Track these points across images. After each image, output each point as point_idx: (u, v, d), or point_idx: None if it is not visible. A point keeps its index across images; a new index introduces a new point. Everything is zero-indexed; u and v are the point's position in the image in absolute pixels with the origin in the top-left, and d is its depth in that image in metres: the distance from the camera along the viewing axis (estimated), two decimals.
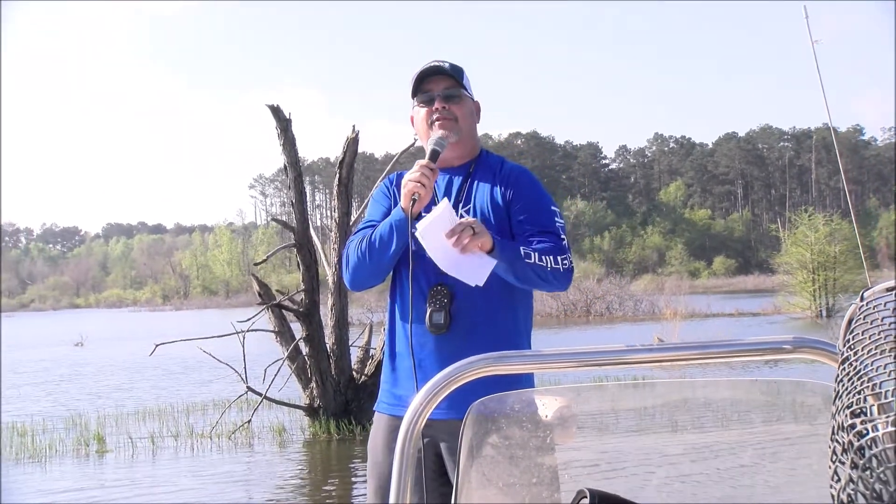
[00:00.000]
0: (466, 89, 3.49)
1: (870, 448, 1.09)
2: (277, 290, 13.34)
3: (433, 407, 1.78)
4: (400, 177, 3.48)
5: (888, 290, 1.20)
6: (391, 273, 3.45)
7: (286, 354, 12.32)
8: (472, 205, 3.40)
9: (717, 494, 1.85)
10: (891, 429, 1.07)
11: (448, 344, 3.22)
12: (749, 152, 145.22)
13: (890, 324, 1.17)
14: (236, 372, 11.99)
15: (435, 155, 3.29)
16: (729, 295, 64.15)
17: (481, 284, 3.13)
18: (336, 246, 12.69)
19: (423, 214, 3.24)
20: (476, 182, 3.45)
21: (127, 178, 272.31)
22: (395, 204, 3.43)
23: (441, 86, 3.42)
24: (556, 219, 3.41)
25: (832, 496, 1.17)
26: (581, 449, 1.89)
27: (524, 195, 3.40)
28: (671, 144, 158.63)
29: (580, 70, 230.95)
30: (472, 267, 3.12)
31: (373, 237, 3.33)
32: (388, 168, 12.42)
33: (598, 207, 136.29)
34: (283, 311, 12.44)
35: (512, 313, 3.35)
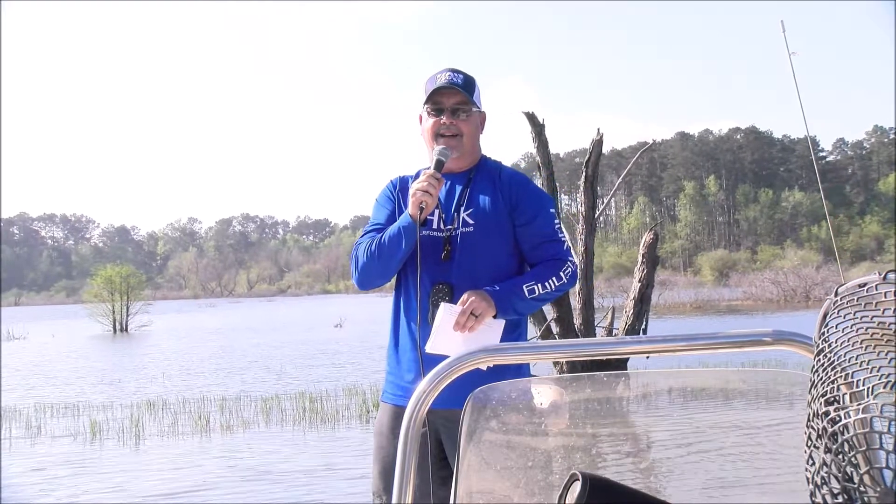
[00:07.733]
0: (476, 103, 3.42)
1: (842, 434, 1.11)
2: None
3: (436, 395, 1.77)
4: (403, 181, 3.51)
5: (860, 286, 1.20)
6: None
7: (539, 334, 12.81)
8: (472, 209, 3.37)
9: (702, 475, 1.87)
10: (862, 416, 1.07)
11: None
12: None
13: (861, 317, 1.17)
14: None
15: (440, 165, 3.30)
16: None
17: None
18: (582, 236, 13.18)
19: (430, 218, 3.34)
20: (476, 188, 3.42)
21: (372, 174, 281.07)
22: (399, 207, 3.45)
23: (452, 101, 3.36)
24: (555, 221, 3.43)
25: (807, 478, 1.19)
26: (573, 434, 1.88)
27: (524, 204, 3.39)
28: (891, 135, 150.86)
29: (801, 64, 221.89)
30: (486, 337, 3.17)
31: (382, 240, 3.33)
32: (626, 169, 12.58)
33: (814, 198, 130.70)
34: None
35: None
